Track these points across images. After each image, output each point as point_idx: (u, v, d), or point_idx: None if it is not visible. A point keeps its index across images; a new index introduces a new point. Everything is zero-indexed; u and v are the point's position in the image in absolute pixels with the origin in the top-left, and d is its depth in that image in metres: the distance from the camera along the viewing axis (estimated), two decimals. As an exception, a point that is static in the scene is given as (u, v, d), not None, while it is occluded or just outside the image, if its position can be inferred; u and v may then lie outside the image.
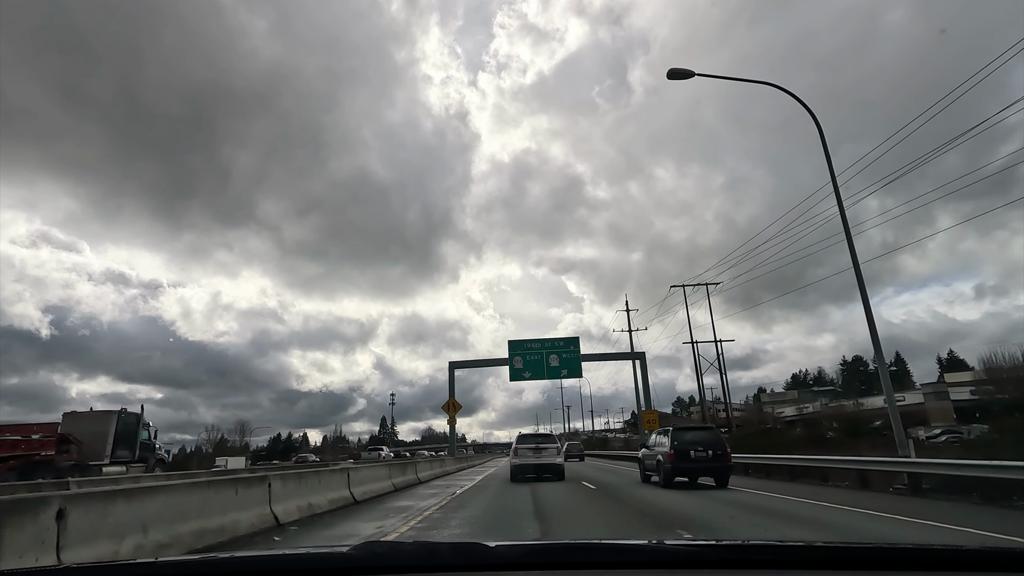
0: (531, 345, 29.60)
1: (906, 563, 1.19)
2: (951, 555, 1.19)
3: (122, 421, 21.75)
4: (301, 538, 7.53)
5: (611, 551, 1.40)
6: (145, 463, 22.56)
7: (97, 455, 20.36)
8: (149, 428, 24.19)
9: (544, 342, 29.81)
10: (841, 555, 1.28)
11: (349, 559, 1.23)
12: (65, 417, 21.43)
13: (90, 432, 20.45)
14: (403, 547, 1.34)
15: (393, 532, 7.83)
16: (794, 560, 1.27)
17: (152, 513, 5.70)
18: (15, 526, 4.27)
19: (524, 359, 29.12)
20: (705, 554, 1.37)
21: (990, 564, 1.15)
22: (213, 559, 1.19)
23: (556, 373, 29.39)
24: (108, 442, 20.85)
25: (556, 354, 29.19)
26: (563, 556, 1.35)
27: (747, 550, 1.39)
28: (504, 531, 7.83)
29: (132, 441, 22.30)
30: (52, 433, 19.33)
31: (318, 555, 1.29)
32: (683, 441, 13.88)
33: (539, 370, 29.15)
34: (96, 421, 21.21)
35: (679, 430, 14.49)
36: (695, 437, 14.14)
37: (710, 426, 17.01)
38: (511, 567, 1.26)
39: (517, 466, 16.73)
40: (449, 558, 1.30)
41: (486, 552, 1.29)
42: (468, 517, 9.20)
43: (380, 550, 1.31)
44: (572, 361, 29.16)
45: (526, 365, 28.99)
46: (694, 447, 13.71)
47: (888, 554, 1.25)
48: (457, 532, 7.84)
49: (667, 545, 1.38)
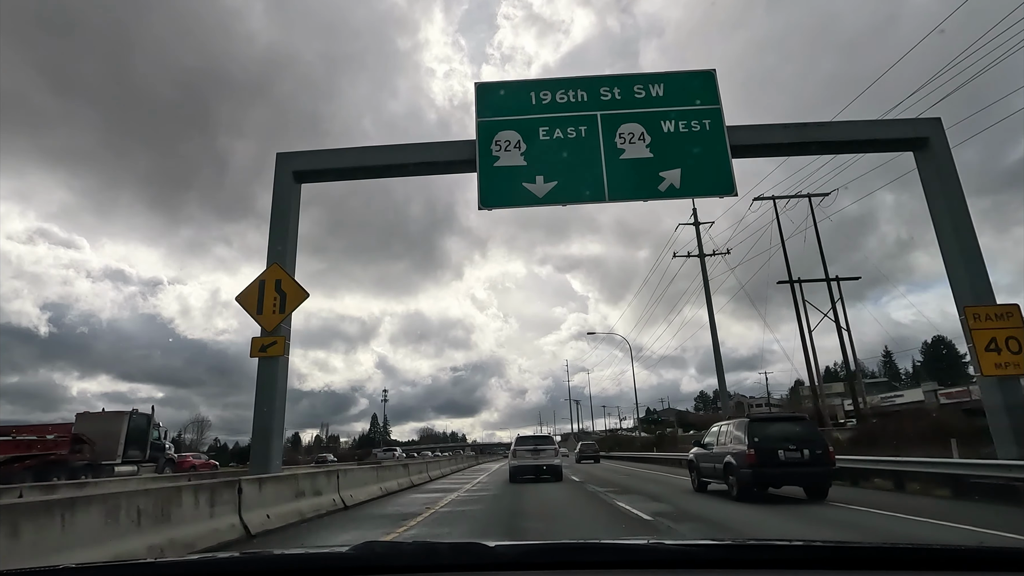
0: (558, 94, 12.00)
1: (906, 563, 1.19)
2: (951, 555, 1.19)
3: (133, 422, 22.12)
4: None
5: (611, 551, 1.40)
6: (155, 463, 22.94)
7: (109, 455, 20.69)
8: (159, 428, 24.60)
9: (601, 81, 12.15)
10: (841, 554, 1.28)
11: (348, 559, 1.24)
12: (78, 417, 21.83)
13: (102, 432, 20.77)
14: (402, 547, 1.35)
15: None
16: (794, 560, 1.27)
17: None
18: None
19: (535, 137, 11.76)
20: (705, 554, 1.37)
21: (990, 564, 1.15)
22: (213, 559, 1.20)
23: (649, 184, 11.47)
24: (120, 442, 21.22)
25: (645, 125, 11.64)
26: (563, 556, 1.35)
27: (747, 550, 1.39)
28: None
29: (143, 441, 22.70)
30: (66, 433, 19.67)
31: (317, 555, 1.30)
32: (767, 437, 10.35)
33: (587, 172, 11.49)
34: (108, 422, 21.58)
35: (760, 421, 11.33)
36: (783, 431, 10.67)
37: (801, 416, 12.94)
38: (511, 567, 1.27)
39: (516, 467, 17.03)
40: (449, 558, 1.31)
41: (486, 552, 1.30)
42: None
43: (380, 550, 1.31)
44: (709, 137, 11.54)
45: (543, 155, 11.67)
46: (783, 445, 10.18)
47: (888, 554, 1.25)
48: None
49: (667, 545, 1.38)
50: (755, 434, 10.41)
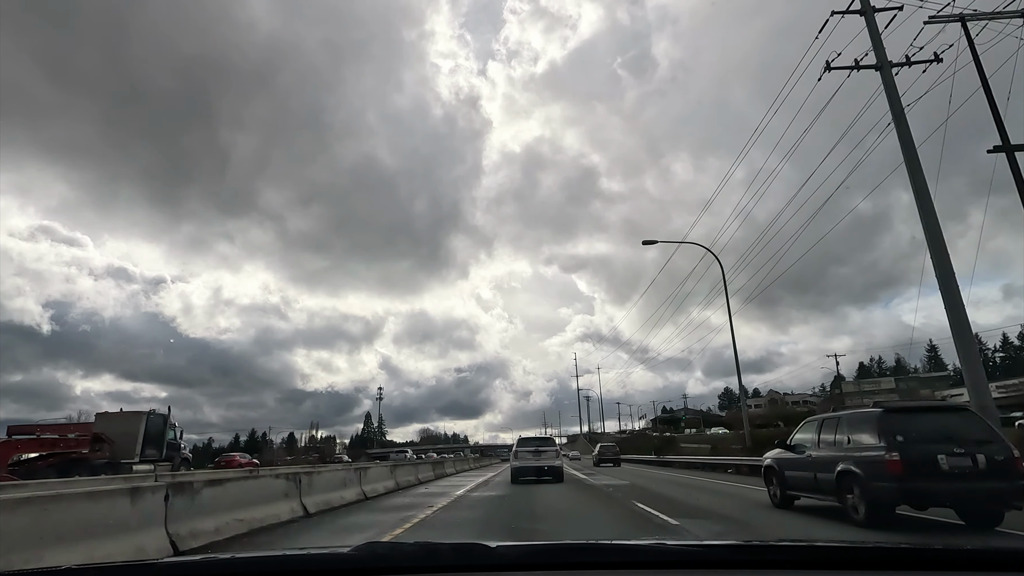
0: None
1: (906, 563, 1.19)
2: (951, 555, 1.19)
3: (151, 422, 22.62)
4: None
5: (613, 551, 1.40)
6: (171, 462, 23.46)
7: (128, 454, 21.16)
8: (175, 429, 25.12)
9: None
10: (841, 555, 1.28)
11: (350, 559, 1.25)
12: (98, 417, 22.55)
13: (121, 432, 21.28)
14: (404, 547, 1.36)
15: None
16: (795, 560, 1.27)
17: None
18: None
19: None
20: (706, 554, 1.36)
21: (990, 564, 1.15)
22: (213, 560, 1.21)
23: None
24: (138, 441, 21.68)
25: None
26: (564, 556, 1.35)
27: (748, 550, 1.38)
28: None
29: (160, 441, 23.16)
30: (87, 432, 20.34)
31: (319, 555, 1.31)
32: (917, 435, 7.41)
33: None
34: (126, 421, 22.10)
35: (902, 413, 7.98)
36: (941, 426, 7.65)
37: (961, 405, 9.46)
38: (512, 568, 1.27)
39: (517, 468, 17.30)
40: (450, 559, 1.31)
41: (487, 553, 1.30)
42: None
43: (381, 550, 1.32)
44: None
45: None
46: (944, 448, 7.14)
47: (888, 554, 1.25)
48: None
49: (668, 545, 1.37)
50: (897, 430, 7.45)
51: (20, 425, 22.28)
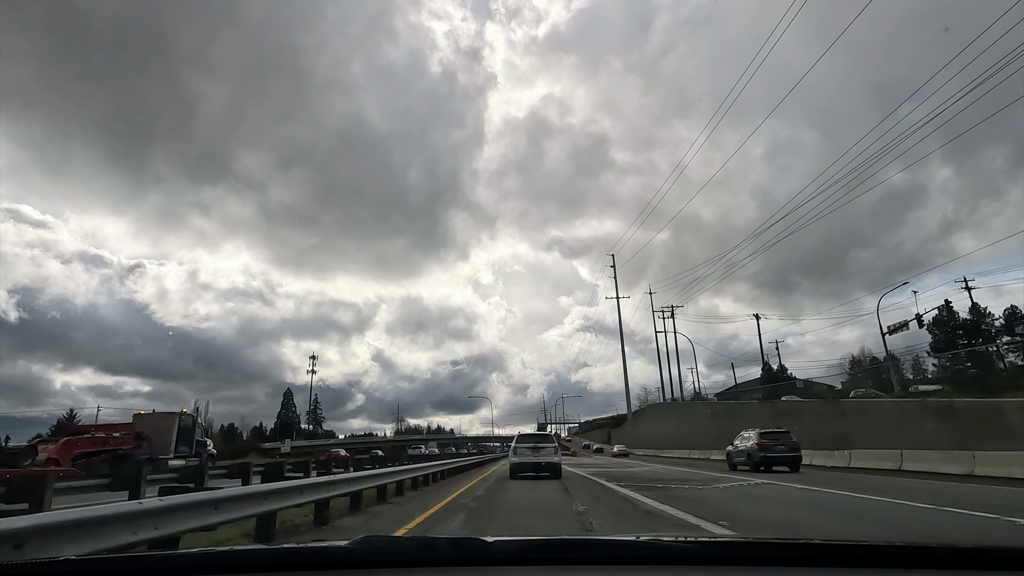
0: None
1: (906, 561, 1.18)
2: (951, 554, 1.17)
3: (182, 421, 24.57)
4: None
5: (608, 547, 1.40)
6: (199, 457, 25.03)
7: (164, 450, 22.85)
8: (201, 426, 27.48)
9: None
10: (840, 553, 1.26)
11: (347, 553, 1.28)
12: (135, 417, 24.46)
13: (157, 430, 22.97)
14: (401, 541, 1.38)
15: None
16: (793, 558, 1.26)
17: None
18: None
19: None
20: (702, 551, 1.36)
21: (990, 563, 1.13)
22: (211, 552, 1.25)
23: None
24: (172, 439, 23.42)
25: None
26: (561, 552, 1.36)
27: (745, 547, 1.37)
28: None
29: (190, 438, 24.97)
30: (130, 431, 22.14)
31: (316, 549, 1.34)
32: (767, 438, 8.30)
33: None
34: (161, 421, 23.94)
35: (766, 433, 9.20)
36: (776, 435, 10.49)
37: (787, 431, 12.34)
38: (509, 562, 1.28)
39: (516, 463, 17.43)
40: (447, 553, 1.33)
41: (484, 547, 1.31)
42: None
43: (378, 544, 1.35)
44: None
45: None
46: (777, 443, 8.79)
47: (888, 552, 1.23)
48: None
49: (664, 542, 1.37)
50: (763, 435, 8.31)
51: (76, 426, 26.16)
